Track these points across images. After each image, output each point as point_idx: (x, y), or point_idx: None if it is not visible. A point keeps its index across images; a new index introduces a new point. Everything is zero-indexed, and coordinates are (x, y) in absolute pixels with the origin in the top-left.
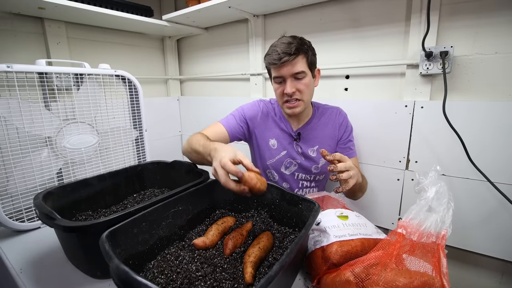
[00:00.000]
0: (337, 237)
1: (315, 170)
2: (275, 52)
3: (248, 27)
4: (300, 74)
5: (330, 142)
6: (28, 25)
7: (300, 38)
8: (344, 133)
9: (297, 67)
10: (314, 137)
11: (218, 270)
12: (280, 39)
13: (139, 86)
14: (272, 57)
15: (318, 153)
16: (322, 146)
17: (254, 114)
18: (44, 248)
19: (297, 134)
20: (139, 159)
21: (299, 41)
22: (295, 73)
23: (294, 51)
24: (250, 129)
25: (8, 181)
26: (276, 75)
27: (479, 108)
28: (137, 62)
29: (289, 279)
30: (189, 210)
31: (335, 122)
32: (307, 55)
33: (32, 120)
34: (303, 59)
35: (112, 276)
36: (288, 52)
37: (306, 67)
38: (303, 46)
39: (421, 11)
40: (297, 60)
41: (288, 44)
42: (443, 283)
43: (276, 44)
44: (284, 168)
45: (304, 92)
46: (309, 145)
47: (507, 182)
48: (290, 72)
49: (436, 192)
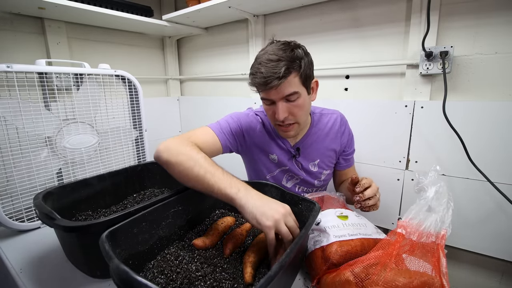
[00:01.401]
0: (337, 237)
1: (318, 183)
2: (259, 73)
3: (248, 27)
4: (292, 95)
5: (331, 153)
6: (28, 25)
7: (291, 48)
8: (347, 143)
9: (288, 89)
10: (314, 150)
11: (218, 270)
12: (265, 52)
13: (139, 86)
14: (256, 79)
15: (319, 167)
16: (323, 159)
17: (252, 126)
18: (44, 248)
19: (296, 150)
20: (139, 159)
21: (289, 55)
22: (286, 96)
23: (283, 72)
24: (247, 143)
25: (8, 181)
26: (264, 96)
27: (479, 108)
28: (137, 62)
29: (289, 279)
30: (189, 210)
31: (337, 132)
32: (299, 71)
33: (32, 120)
34: (295, 77)
35: (112, 276)
36: (276, 76)
37: (299, 85)
38: (294, 63)
39: (421, 11)
40: (288, 81)
41: (276, 63)
42: (443, 283)
43: (261, 62)
44: (285, 181)
45: (298, 115)
46: (310, 159)
47: (507, 182)
48: (280, 95)
49: (436, 192)
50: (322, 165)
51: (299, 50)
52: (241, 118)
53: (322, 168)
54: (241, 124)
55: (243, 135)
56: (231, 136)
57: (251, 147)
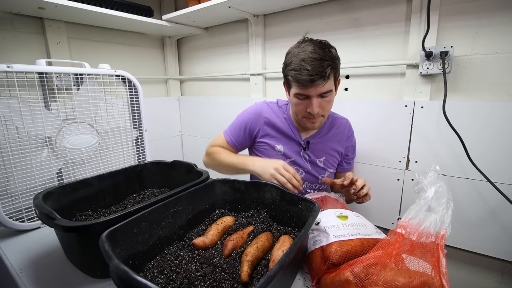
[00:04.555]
0: (336, 237)
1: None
2: (305, 70)
3: (248, 27)
4: (327, 93)
5: (336, 155)
6: (28, 25)
7: (329, 49)
8: (350, 148)
9: (326, 88)
10: (322, 148)
11: (217, 270)
12: (306, 49)
13: (139, 86)
14: (301, 76)
15: (325, 164)
16: (329, 158)
17: (259, 122)
18: (44, 248)
19: (306, 143)
20: (139, 159)
21: (329, 55)
22: (323, 93)
23: (329, 73)
24: (254, 139)
25: (8, 181)
26: (300, 92)
27: (479, 108)
28: (137, 62)
29: (288, 279)
30: (188, 210)
31: (344, 135)
32: (335, 72)
33: (32, 120)
34: (332, 76)
35: (111, 276)
36: (321, 74)
37: (332, 84)
38: (335, 62)
39: (421, 11)
40: (329, 79)
41: (321, 62)
42: (442, 282)
43: (304, 59)
44: None
45: (327, 109)
46: (317, 156)
47: (507, 182)
48: (318, 92)
49: (436, 192)
50: (327, 163)
51: (333, 50)
52: (249, 116)
53: (327, 166)
54: (249, 123)
55: (251, 133)
56: (236, 138)
57: (257, 140)
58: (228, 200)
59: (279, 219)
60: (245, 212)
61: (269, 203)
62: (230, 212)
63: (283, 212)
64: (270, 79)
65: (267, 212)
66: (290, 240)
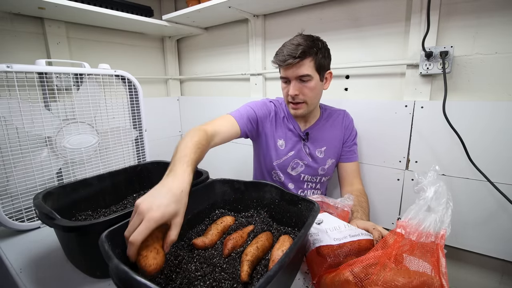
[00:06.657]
0: (337, 238)
1: (322, 171)
2: (281, 53)
3: (248, 27)
4: (304, 77)
5: (336, 144)
6: (28, 25)
7: (313, 39)
8: (350, 136)
9: (302, 70)
10: (321, 138)
11: (217, 270)
12: (292, 39)
13: (139, 86)
14: (278, 57)
15: (325, 154)
16: (329, 147)
17: (265, 114)
18: (44, 248)
19: (305, 134)
20: (139, 159)
21: (309, 43)
22: (300, 76)
23: (299, 54)
24: (260, 129)
25: (8, 181)
26: (282, 75)
27: (479, 108)
28: (137, 62)
29: (288, 279)
30: (188, 210)
31: (342, 124)
32: (315, 58)
33: (32, 120)
34: (311, 62)
35: (111, 276)
36: (293, 55)
37: (313, 70)
38: (311, 49)
39: (421, 11)
40: (303, 63)
41: (296, 46)
42: (442, 282)
43: (285, 44)
44: (290, 169)
45: (308, 95)
46: (317, 146)
47: (507, 182)
48: (294, 74)
49: (435, 192)
50: (328, 153)
51: (319, 42)
52: (256, 106)
53: (328, 156)
54: (256, 112)
55: (257, 121)
56: (248, 122)
57: (262, 134)
58: (228, 200)
59: (279, 219)
60: (245, 212)
61: (269, 203)
62: (229, 212)
63: (283, 212)
64: (270, 79)
65: (267, 212)
66: (290, 240)
